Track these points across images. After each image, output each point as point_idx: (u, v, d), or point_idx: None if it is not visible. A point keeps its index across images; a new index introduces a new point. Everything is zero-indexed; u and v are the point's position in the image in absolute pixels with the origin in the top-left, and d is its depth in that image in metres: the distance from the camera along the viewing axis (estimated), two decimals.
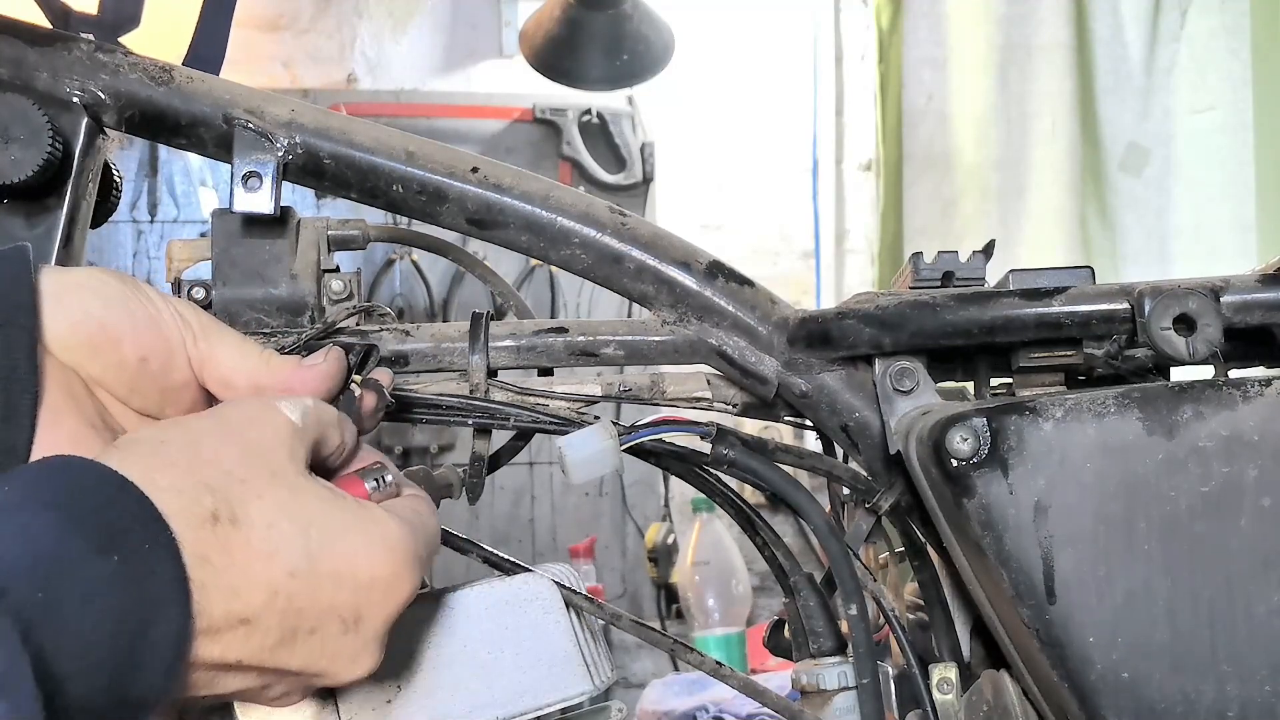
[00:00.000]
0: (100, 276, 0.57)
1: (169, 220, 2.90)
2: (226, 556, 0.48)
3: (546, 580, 0.69)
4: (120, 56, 0.71)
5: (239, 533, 0.49)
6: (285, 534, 0.50)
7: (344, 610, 0.52)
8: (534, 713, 0.66)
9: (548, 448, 2.84)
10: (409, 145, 0.73)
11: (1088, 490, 0.62)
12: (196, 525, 0.47)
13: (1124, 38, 2.48)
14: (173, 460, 0.49)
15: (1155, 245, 2.42)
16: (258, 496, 0.50)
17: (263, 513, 0.50)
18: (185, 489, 0.48)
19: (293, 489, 0.52)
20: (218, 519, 0.48)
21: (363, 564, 0.52)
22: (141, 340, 0.56)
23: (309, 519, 0.51)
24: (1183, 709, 0.61)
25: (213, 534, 0.48)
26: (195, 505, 0.48)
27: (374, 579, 0.52)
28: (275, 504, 0.50)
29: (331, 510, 0.53)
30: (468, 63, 3.15)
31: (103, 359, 0.56)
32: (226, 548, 0.48)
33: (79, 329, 0.55)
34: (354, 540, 0.52)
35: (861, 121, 3.18)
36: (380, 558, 0.53)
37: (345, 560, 0.52)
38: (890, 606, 0.73)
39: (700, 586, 2.66)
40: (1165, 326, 0.67)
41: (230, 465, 0.50)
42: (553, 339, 0.75)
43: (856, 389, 0.73)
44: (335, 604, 0.51)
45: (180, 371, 0.58)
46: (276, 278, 0.73)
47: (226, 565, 0.48)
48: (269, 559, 0.49)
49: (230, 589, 0.48)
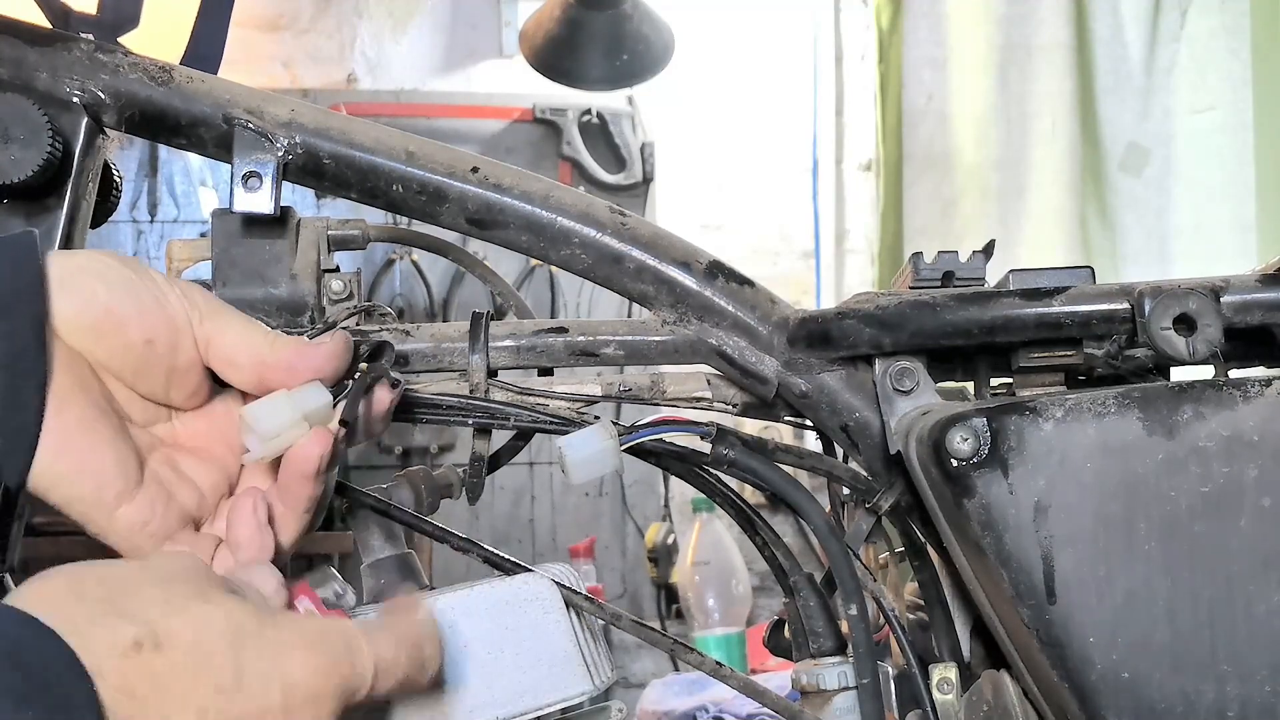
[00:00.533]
0: (105, 260, 0.57)
1: (169, 220, 2.90)
2: (151, 684, 0.46)
3: (546, 580, 0.69)
4: (120, 56, 0.71)
5: (163, 657, 0.47)
6: (211, 646, 0.48)
7: (278, 714, 0.49)
8: (534, 713, 0.66)
9: (548, 448, 2.84)
10: (409, 145, 0.73)
11: (1088, 490, 0.62)
12: (119, 656, 0.46)
13: (1124, 38, 2.48)
14: (93, 595, 0.48)
15: (1155, 245, 2.42)
16: (181, 612, 0.48)
17: (185, 628, 0.48)
18: (102, 620, 0.47)
19: (219, 603, 0.50)
20: (140, 646, 0.46)
21: (291, 665, 0.50)
22: (147, 323, 0.57)
23: (235, 630, 0.49)
24: (1183, 709, 0.61)
25: (136, 663, 0.46)
26: (116, 636, 0.46)
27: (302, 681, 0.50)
28: (200, 619, 0.49)
29: (257, 618, 0.50)
30: (468, 63, 3.15)
31: (109, 342, 0.56)
32: (152, 673, 0.46)
33: (85, 313, 0.55)
34: (280, 640, 0.50)
35: (861, 121, 3.18)
36: (305, 657, 0.50)
37: (271, 662, 0.49)
38: (890, 606, 0.73)
39: (700, 586, 2.66)
40: (1165, 326, 0.67)
41: (151, 592, 0.49)
42: (553, 339, 0.75)
43: (856, 389, 0.73)
44: (267, 709, 0.49)
45: (186, 353, 0.59)
46: (276, 278, 0.73)
47: (151, 693, 0.46)
48: (195, 678, 0.47)
49: (160, 717, 0.46)
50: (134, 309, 0.56)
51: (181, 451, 0.61)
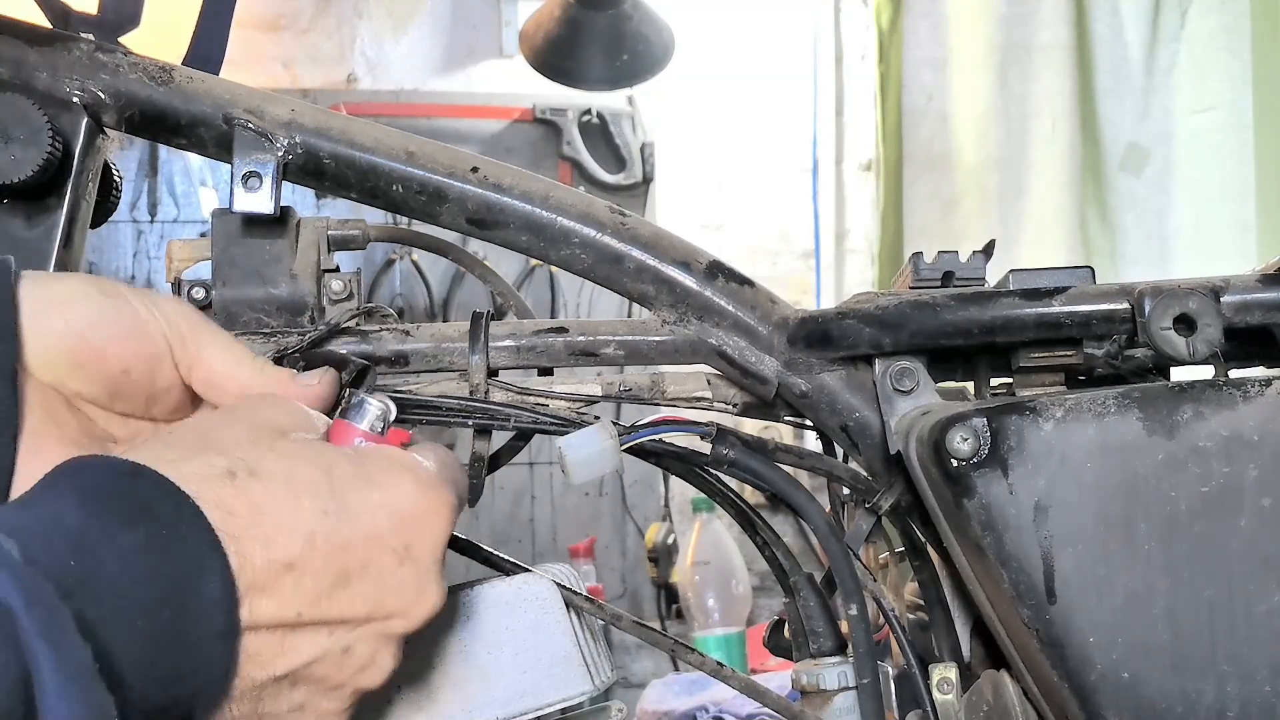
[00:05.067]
0: (81, 288, 0.56)
1: (169, 220, 2.90)
2: (253, 507, 0.47)
3: (546, 580, 0.69)
4: (120, 56, 0.71)
5: (259, 483, 0.48)
6: (307, 477, 0.49)
7: (390, 539, 0.51)
8: (534, 713, 0.66)
9: (548, 448, 2.84)
10: (409, 145, 0.73)
11: (1088, 490, 0.62)
12: (216, 484, 0.47)
13: (1124, 38, 2.48)
14: (179, 441, 0.50)
15: (1155, 245, 2.42)
16: (270, 451, 0.50)
17: (278, 463, 0.49)
18: (194, 455, 0.48)
19: (305, 444, 0.52)
20: (234, 475, 0.48)
21: (392, 493, 0.51)
22: (124, 351, 0.56)
23: (328, 464, 0.51)
24: (1183, 709, 0.61)
25: (233, 488, 0.47)
26: (209, 468, 0.47)
27: (410, 506, 0.52)
28: (289, 455, 0.50)
29: (348, 455, 0.52)
30: (468, 63, 3.15)
31: (84, 374, 0.55)
32: (251, 499, 0.47)
33: (59, 346, 0.54)
34: (377, 473, 0.52)
35: (861, 121, 3.18)
36: (408, 484, 0.52)
37: (374, 491, 0.51)
38: (890, 606, 0.73)
39: (700, 586, 2.66)
40: (1165, 326, 0.67)
41: (237, 435, 0.50)
42: (553, 339, 0.75)
43: (856, 389, 0.73)
44: (378, 534, 0.50)
45: (165, 376, 0.58)
46: (276, 278, 0.73)
47: (255, 515, 0.47)
48: (296, 501, 0.48)
49: (265, 537, 0.47)
50: (110, 339, 0.55)
51: None
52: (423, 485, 0.53)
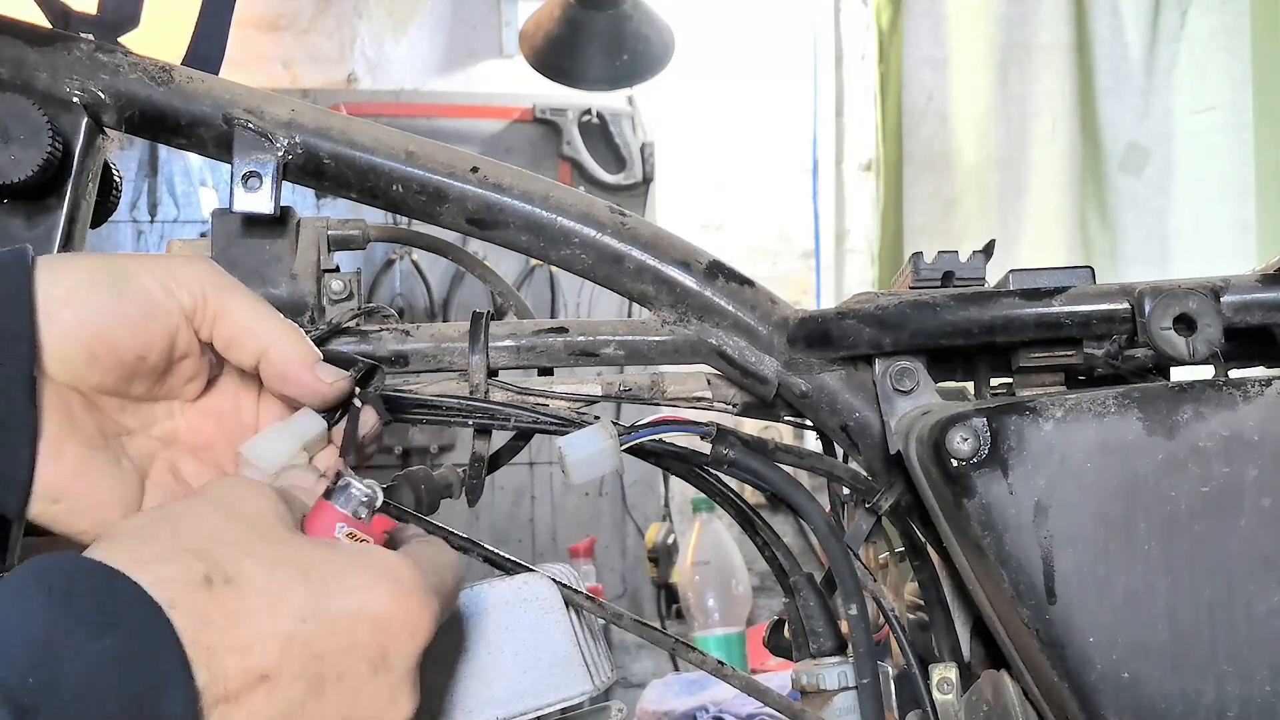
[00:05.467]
0: (90, 277, 0.55)
1: (169, 220, 2.90)
2: (229, 616, 0.46)
3: (546, 580, 0.69)
4: (120, 56, 0.71)
5: (236, 590, 0.46)
6: (285, 582, 0.48)
7: (367, 649, 0.49)
8: (534, 713, 0.66)
9: (548, 448, 2.84)
10: (409, 145, 0.73)
11: (1088, 490, 0.62)
12: (192, 591, 0.45)
13: (1124, 38, 2.48)
14: (155, 536, 0.48)
15: (1155, 245, 2.42)
16: (248, 554, 0.48)
17: (256, 567, 0.48)
18: (171, 558, 0.46)
19: (283, 542, 0.50)
20: (211, 581, 0.46)
21: (372, 599, 0.49)
22: (139, 340, 0.56)
23: (306, 565, 0.49)
24: (1183, 709, 0.61)
25: (209, 596, 0.46)
26: (186, 572, 0.46)
27: (389, 614, 0.50)
28: (268, 558, 0.48)
29: (327, 553, 0.50)
30: (468, 63, 3.15)
31: (99, 366, 0.55)
32: (227, 607, 0.46)
33: (73, 343, 0.54)
34: (358, 577, 0.50)
35: (861, 121, 3.18)
36: (388, 591, 0.50)
37: (354, 597, 0.49)
38: (890, 606, 0.73)
39: (700, 586, 2.66)
40: (1165, 326, 0.67)
41: (215, 532, 0.49)
42: (553, 339, 0.75)
43: (856, 389, 0.73)
44: (356, 643, 0.49)
45: (182, 347, 0.58)
46: (276, 278, 0.73)
47: (231, 624, 0.46)
48: (274, 609, 0.47)
49: (241, 646, 0.46)
50: (124, 329, 0.55)
51: (183, 453, 0.61)
52: (403, 593, 0.50)
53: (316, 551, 0.50)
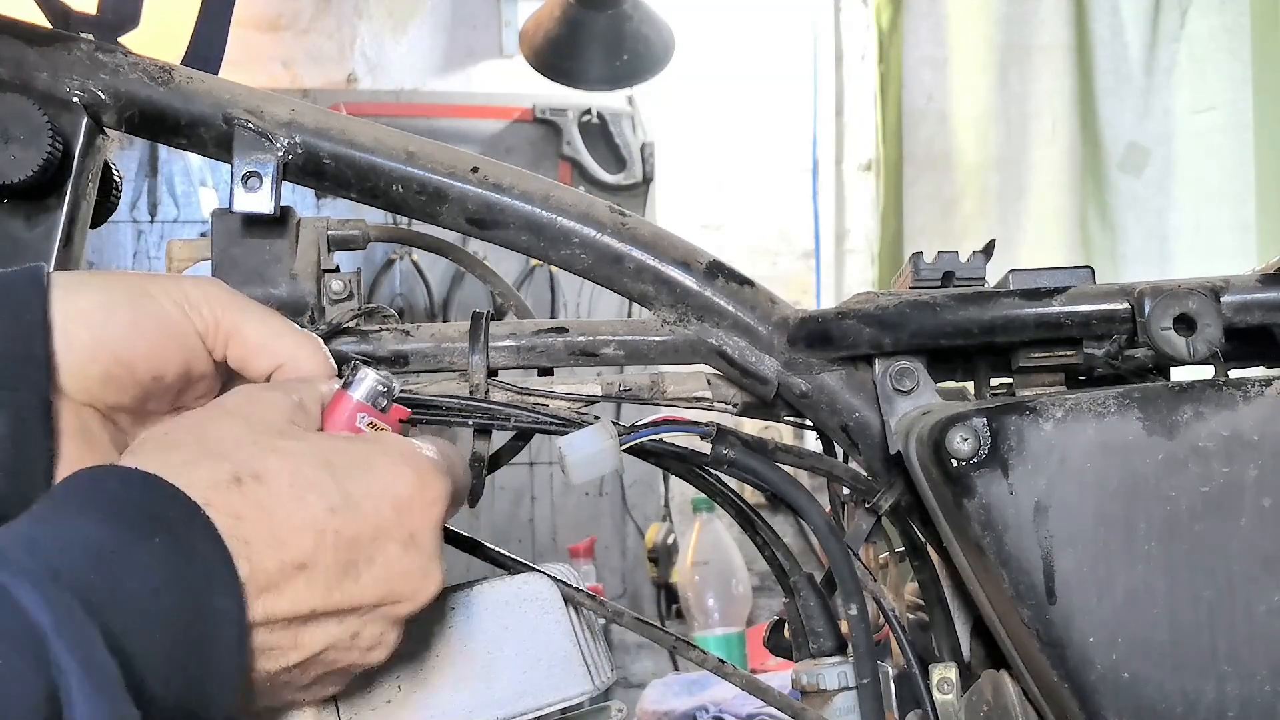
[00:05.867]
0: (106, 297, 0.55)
1: (169, 220, 2.90)
2: (261, 510, 0.48)
3: (547, 579, 0.69)
4: (120, 56, 0.71)
5: (264, 486, 0.49)
6: (311, 477, 0.50)
7: (395, 529, 0.52)
8: (534, 713, 0.66)
9: (548, 448, 2.84)
10: (409, 145, 0.73)
11: (1088, 490, 0.62)
12: (223, 490, 0.48)
13: (1124, 38, 2.48)
14: (181, 444, 0.50)
15: (1155, 245, 2.42)
16: (272, 451, 0.50)
17: (282, 464, 0.50)
18: (199, 462, 0.49)
19: (302, 439, 0.52)
20: (240, 480, 0.48)
21: (394, 482, 0.52)
22: (155, 359, 0.55)
23: (327, 458, 0.52)
24: (1183, 709, 0.61)
25: (240, 494, 0.48)
26: (215, 474, 0.48)
27: (411, 494, 0.53)
28: (291, 454, 0.51)
29: (346, 445, 0.53)
30: (468, 63, 3.15)
31: (116, 386, 0.55)
32: (258, 502, 0.48)
33: (92, 365, 0.54)
34: (377, 462, 0.53)
35: (861, 121, 3.18)
36: (407, 473, 0.53)
37: (376, 482, 0.52)
38: (890, 606, 0.73)
39: (700, 586, 2.66)
40: (1165, 326, 0.67)
41: (236, 436, 0.51)
42: (553, 339, 0.75)
43: (856, 389, 0.73)
44: (383, 526, 0.52)
45: (198, 367, 0.58)
46: (276, 278, 0.73)
47: (264, 518, 0.48)
48: (303, 502, 0.49)
49: (275, 539, 0.48)
50: (141, 347, 0.55)
51: None
52: (421, 473, 0.54)
53: (335, 443, 0.53)
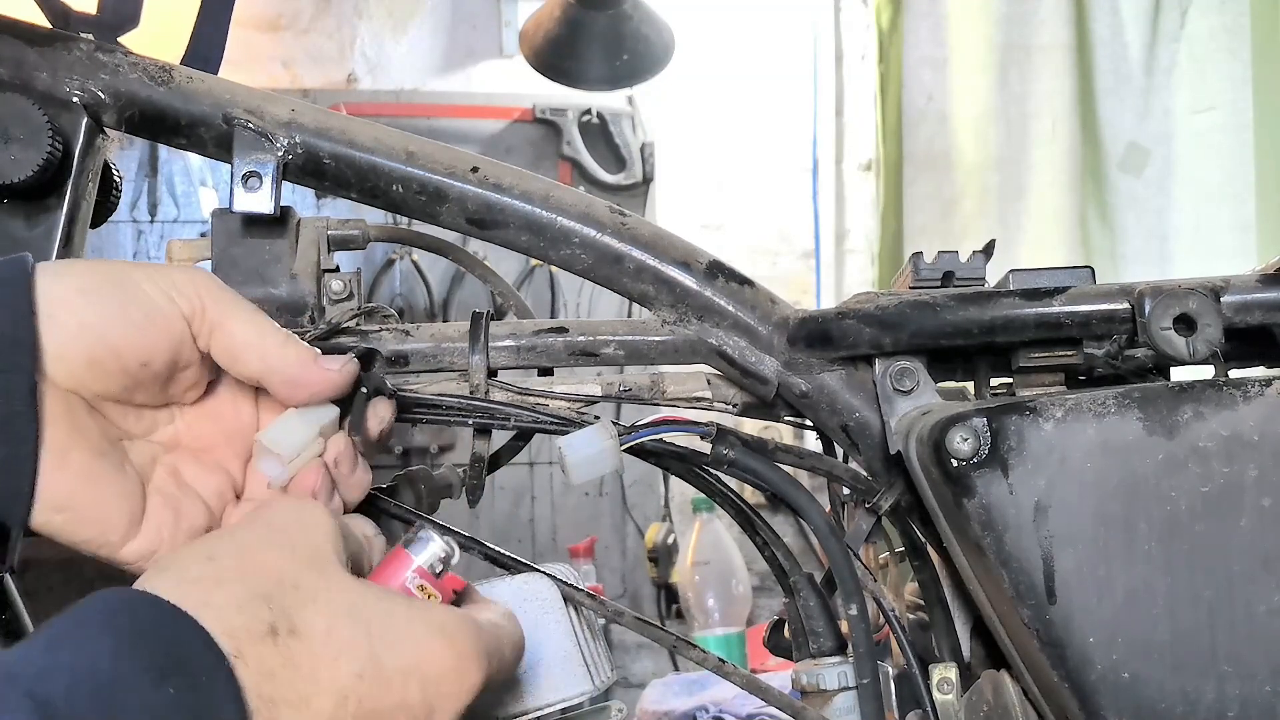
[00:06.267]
0: (91, 282, 0.54)
1: (169, 220, 2.90)
2: (291, 668, 0.47)
3: (547, 579, 0.69)
4: (120, 56, 0.71)
5: (299, 642, 0.48)
6: (346, 637, 0.49)
7: (415, 708, 0.50)
8: (534, 713, 0.66)
9: (548, 448, 2.84)
10: (409, 145, 0.73)
11: (1088, 490, 0.62)
12: (257, 641, 0.47)
13: (1124, 38, 2.48)
14: (222, 577, 0.48)
15: (1155, 245, 2.42)
16: (312, 601, 0.49)
17: (320, 618, 0.49)
18: (240, 605, 0.47)
19: (345, 589, 0.51)
20: (276, 632, 0.47)
21: (427, 657, 0.51)
22: (142, 346, 0.55)
23: (368, 618, 0.50)
24: (1183, 709, 0.61)
25: (274, 648, 0.47)
26: (253, 622, 0.47)
27: (441, 672, 0.51)
28: (331, 607, 0.49)
29: (389, 606, 0.51)
30: (468, 63, 3.15)
31: (102, 372, 0.54)
32: (290, 659, 0.47)
33: (76, 349, 0.53)
34: (416, 634, 0.51)
35: (861, 121, 3.18)
36: (443, 650, 0.51)
37: (410, 655, 0.50)
38: (890, 606, 0.73)
39: (700, 586, 2.66)
40: (1165, 326, 0.67)
41: (281, 572, 0.49)
42: (553, 339, 0.75)
43: (856, 389, 0.73)
44: (406, 701, 0.50)
45: (185, 356, 0.57)
46: (276, 278, 0.73)
47: (292, 677, 0.47)
48: (334, 663, 0.48)
49: (299, 700, 0.47)
50: (128, 334, 0.54)
51: (185, 457, 0.61)
52: (456, 654, 0.52)
53: (380, 604, 0.51)
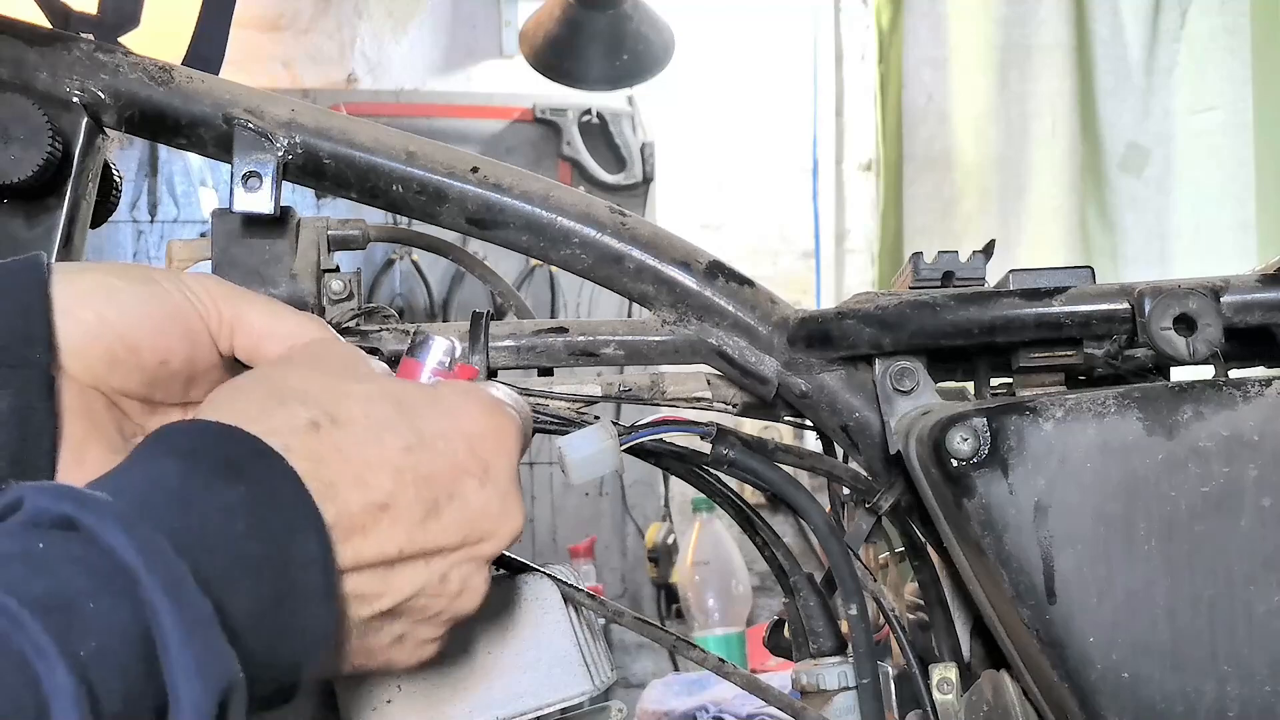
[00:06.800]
0: (109, 279, 0.55)
1: (169, 220, 2.90)
2: (340, 453, 0.49)
3: (547, 580, 0.69)
4: (120, 56, 0.71)
5: (342, 430, 0.49)
6: (385, 417, 0.51)
7: (470, 465, 0.52)
8: (534, 713, 0.66)
9: (548, 448, 2.83)
10: (409, 145, 0.73)
11: (1088, 490, 0.62)
12: (301, 435, 0.48)
13: (1124, 38, 2.48)
14: (252, 393, 0.50)
15: (1155, 245, 2.42)
16: (345, 395, 0.51)
17: (356, 406, 0.51)
18: (277, 410, 0.49)
19: (373, 379, 0.53)
20: (318, 425, 0.49)
21: (465, 419, 0.53)
22: (161, 343, 0.55)
23: (398, 398, 0.52)
24: (1183, 709, 0.61)
25: (318, 439, 0.49)
26: (292, 419, 0.49)
27: (482, 429, 0.53)
28: (364, 395, 0.51)
29: (414, 388, 0.54)
30: (468, 63, 3.15)
31: (122, 369, 0.54)
32: (337, 445, 0.49)
33: (96, 344, 0.53)
34: (447, 402, 0.53)
35: (861, 121, 3.18)
36: (475, 409, 0.53)
37: (448, 421, 0.52)
38: (890, 606, 0.73)
39: (700, 586, 2.66)
40: (1165, 326, 0.67)
41: (308, 383, 0.51)
42: (553, 339, 0.75)
43: (856, 389, 0.73)
44: (459, 462, 0.52)
45: (204, 358, 0.57)
46: (276, 278, 0.73)
47: (344, 460, 0.49)
48: (380, 442, 0.50)
49: (357, 480, 0.48)
50: (147, 331, 0.54)
51: None
52: (489, 409, 0.54)
53: (404, 386, 0.54)
